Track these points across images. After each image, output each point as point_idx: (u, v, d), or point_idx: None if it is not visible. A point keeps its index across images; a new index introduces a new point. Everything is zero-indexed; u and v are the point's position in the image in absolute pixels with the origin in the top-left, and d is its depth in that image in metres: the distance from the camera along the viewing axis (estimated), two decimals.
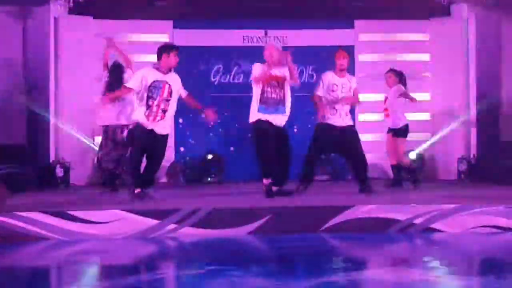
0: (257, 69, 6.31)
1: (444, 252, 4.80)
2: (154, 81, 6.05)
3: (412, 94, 7.67)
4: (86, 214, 5.14)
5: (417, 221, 5.28)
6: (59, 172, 8.37)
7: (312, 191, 6.66)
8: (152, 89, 6.02)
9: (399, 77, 7.69)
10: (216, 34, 9.32)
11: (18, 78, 8.70)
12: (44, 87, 8.63)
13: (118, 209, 5.22)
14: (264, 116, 6.23)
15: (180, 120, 9.28)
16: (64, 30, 8.79)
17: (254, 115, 6.32)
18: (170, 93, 6.10)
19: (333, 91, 6.65)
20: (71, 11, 8.85)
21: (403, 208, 5.35)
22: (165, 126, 6.12)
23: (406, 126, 7.56)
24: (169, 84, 6.12)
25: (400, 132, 7.53)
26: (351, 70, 9.34)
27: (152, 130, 5.99)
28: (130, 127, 6.35)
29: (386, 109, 7.72)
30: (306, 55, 9.45)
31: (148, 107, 6.00)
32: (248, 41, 9.42)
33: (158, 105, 6.02)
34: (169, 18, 9.24)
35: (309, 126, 8.06)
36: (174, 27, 9.27)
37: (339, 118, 6.63)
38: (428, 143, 9.28)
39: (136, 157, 6.03)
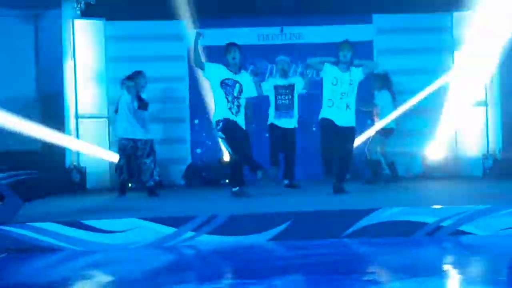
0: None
1: (479, 257, 4.55)
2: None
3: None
4: (100, 223, 4.98)
5: (445, 223, 5.04)
6: (76, 177, 8.27)
7: (331, 192, 6.48)
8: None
9: (385, 80, 8.07)
10: (230, 33, 9.12)
11: (31, 82, 8.63)
12: (58, 91, 8.55)
13: (134, 217, 5.05)
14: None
15: (196, 121, 9.14)
16: (77, 33, 8.67)
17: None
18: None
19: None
20: (83, 14, 8.73)
21: (430, 210, 5.11)
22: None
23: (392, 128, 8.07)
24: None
25: (386, 133, 8.03)
26: None
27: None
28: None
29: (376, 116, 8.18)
30: (323, 51, 9.21)
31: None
32: (264, 39, 9.23)
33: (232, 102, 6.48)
34: (182, 18, 9.08)
35: None
36: (187, 27, 9.11)
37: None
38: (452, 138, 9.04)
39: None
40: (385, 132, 8.09)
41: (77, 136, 8.60)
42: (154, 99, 8.14)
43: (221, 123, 6.46)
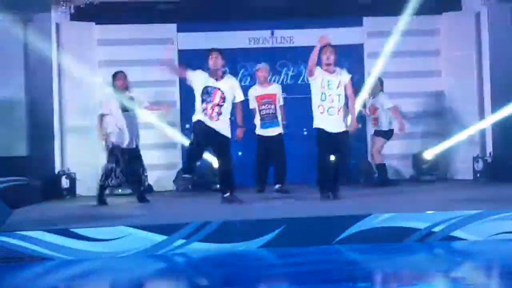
0: None
1: (471, 262, 4.55)
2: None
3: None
4: (90, 231, 4.93)
5: (437, 229, 5.03)
6: (65, 183, 8.19)
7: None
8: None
9: (381, 84, 8.27)
10: (221, 36, 9.10)
11: (20, 87, 8.54)
12: (46, 95, 8.46)
13: (123, 225, 5.01)
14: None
15: (187, 126, 9.08)
16: (66, 37, 8.60)
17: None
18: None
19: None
20: (73, 18, 8.66)
21: (421, 215, 5.10)
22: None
23: (392, 130, 8.19)
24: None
25: (386, 135, 8.16)
26: (360, 68, 9.19)
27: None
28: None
29: (375, 119, 8.24)
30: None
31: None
32: (254, 43, 9.20)
33: (212, 109, 6.43)
34: (172, 21, 9.04)
35: None
36: (178, 30, 9.08)
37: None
38: (443, 142, 9.04)
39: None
40: (386, 134, 8.17)
41: (65, 141, 8.52)
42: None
43: (193, 125, 6.56)
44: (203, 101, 6.47)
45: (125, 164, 6.98)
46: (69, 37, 8.63)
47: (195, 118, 6.59)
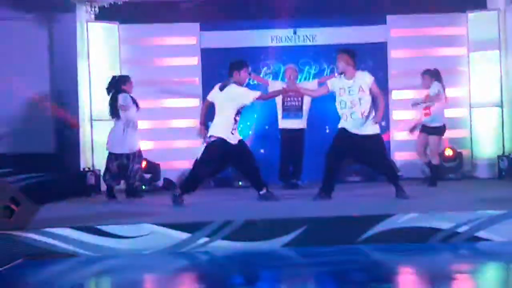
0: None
1: (495, 263, 4.51)
2: None
3: (449, 89, 7.81)
4: (115, 228, 4.99)
5: (461, 229, 4.99)
6: (90, 180, 8.29)
7: (346, 197, 6.45)
8: None
9: (435, 76, 7.67)
10: (243, 35, 9.14)
11: (46, 86, 8.67)
12: (72, 94, 8.58)
13: (148, 223, 5.06)
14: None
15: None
16: (91, 36, 8.70)
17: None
18: None
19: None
20: (97, 17, 8.75)
21: (446, 215, 5.06)
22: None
23: (444, 125, 7.62)
24: None
25: (436, 131, 7.59)
26: (383, 67, 9.13)
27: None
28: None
29: (427, 107, 7.65)
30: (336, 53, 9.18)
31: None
32: (277, 41, 9.20)
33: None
34: (195, 20, 9.09)
35: None
36: (201, 29, 9.13)
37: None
38: (467, 139, 8.96)
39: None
40: (440, 131, 7.65)
41: (92, 138, 8.62)
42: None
43: (215, 141, 6.35)
44: (235, 120, 6.40)
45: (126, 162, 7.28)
46: (93, 36, 8.73)
47: (219, 134, 6.38)
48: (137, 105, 7.40)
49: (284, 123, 8.00)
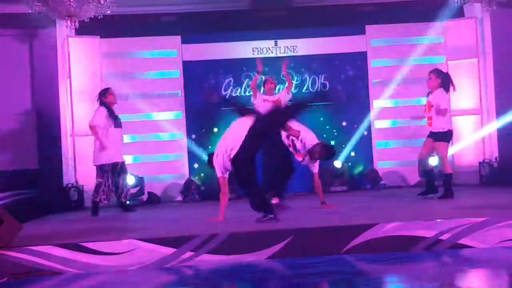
0: None
1: (478, 270, 4.56)
2: None
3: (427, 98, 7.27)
4: (100, 245, 4.97)
5: (444, 237, 5.05)
6: (73, 195, 8.25)
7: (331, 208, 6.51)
8: None
9: (441, 78, 7.08)
10: (225, 47, 9.19)
11: (27, 102, 8.63)
12: (53, 109, 8.55)
13: (132, 239, 5.05)
14: None
15: (193, 136, 9.14)
16: (72, 51, 8.68)
17: None
18: None
19: None
20: (78, 32, 8.73)
21: (428, 224, 5.11)
22: None
23: (451, 131, 7.13)
24: None
25: (441, 137, 7.04)
26: (365, 76, 9.22)
27: None
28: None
29: (429, 117, 7.11)
30: (318, 63, 9.28)
31: None
32: (258, 53, 9.25)
33: None
34: (177, 33, 9.11)
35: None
36: (183, 42, 9.15)
37: None
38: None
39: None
40: (447, 137, 7.11)
41: (74, 154, 8.58)
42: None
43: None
44: None
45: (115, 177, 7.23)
46: (74, 51, 8.71)
47: None
48: (114, 118, 7.34)
49: None
